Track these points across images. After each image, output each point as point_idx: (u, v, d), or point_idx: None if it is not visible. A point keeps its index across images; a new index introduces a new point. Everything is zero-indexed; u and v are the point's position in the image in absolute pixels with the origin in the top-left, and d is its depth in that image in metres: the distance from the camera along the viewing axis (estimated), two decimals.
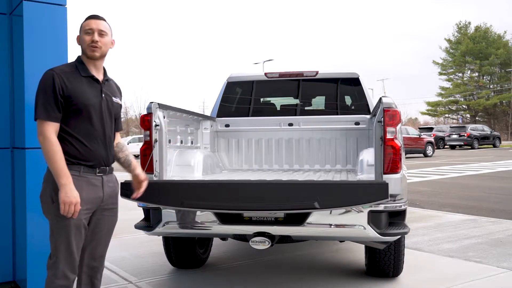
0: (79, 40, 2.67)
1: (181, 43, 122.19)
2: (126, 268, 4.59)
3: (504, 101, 58.51)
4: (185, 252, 4.39)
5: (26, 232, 3.54)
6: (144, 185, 2.87)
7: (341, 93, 5.52)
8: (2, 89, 3.94)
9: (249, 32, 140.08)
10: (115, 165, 2.79)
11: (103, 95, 2.67)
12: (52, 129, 2.50)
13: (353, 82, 5.37)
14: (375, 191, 2.97)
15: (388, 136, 3.32)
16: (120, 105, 2.82)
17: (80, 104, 2.55)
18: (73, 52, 3.02)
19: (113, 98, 2.74)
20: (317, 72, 5.35)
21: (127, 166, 2.87)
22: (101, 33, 2.62)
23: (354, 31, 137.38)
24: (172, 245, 4.34)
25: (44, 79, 2.54)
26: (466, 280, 4.09)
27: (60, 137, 2.53)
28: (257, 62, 47.79)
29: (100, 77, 2.69)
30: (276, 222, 3.36)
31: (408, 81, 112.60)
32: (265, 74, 5.49)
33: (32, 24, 3.59)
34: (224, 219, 3.40)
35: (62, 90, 2.51)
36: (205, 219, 3.42)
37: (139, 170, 2.86)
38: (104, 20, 2.69)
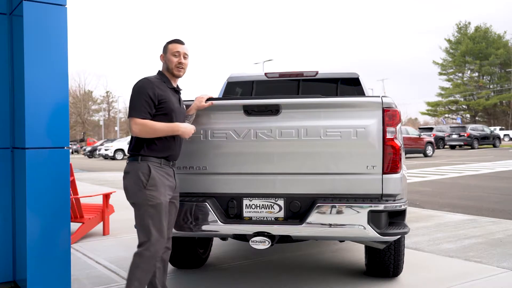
0: (164, 58, 3.21)
1: None
2: (126, 268, 4.55)
3: (504, 101, 58.57)
4: (185, 252, 4.38)
5: (26, 232, 3.53)
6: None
7: (341, 93, 5.51)
8: (2, 89, 3.93)
9: (249, 32, 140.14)
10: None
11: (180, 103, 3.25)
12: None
13: (353, 82, 5.36)
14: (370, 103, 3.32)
15: (388, 136, 3.32)
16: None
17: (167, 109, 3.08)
18: (73, 52, 3.03)
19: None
20: (317, 72, 5.34)
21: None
22: (185, 56, 3.19)
23: (354, 31, 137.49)
24: (172, 245, 4.33)
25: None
26: (466, 280, 4.09)
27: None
28: (257, 62, 47.88)
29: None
30: (276, 221, 3.36)
31: (408, 81, 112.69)
32: (265, 74, 5.48)
33: (32, 24, 3.58)
34: (224, 218, 3.40)
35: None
36: (206, 218, 3.42)
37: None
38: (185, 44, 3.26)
